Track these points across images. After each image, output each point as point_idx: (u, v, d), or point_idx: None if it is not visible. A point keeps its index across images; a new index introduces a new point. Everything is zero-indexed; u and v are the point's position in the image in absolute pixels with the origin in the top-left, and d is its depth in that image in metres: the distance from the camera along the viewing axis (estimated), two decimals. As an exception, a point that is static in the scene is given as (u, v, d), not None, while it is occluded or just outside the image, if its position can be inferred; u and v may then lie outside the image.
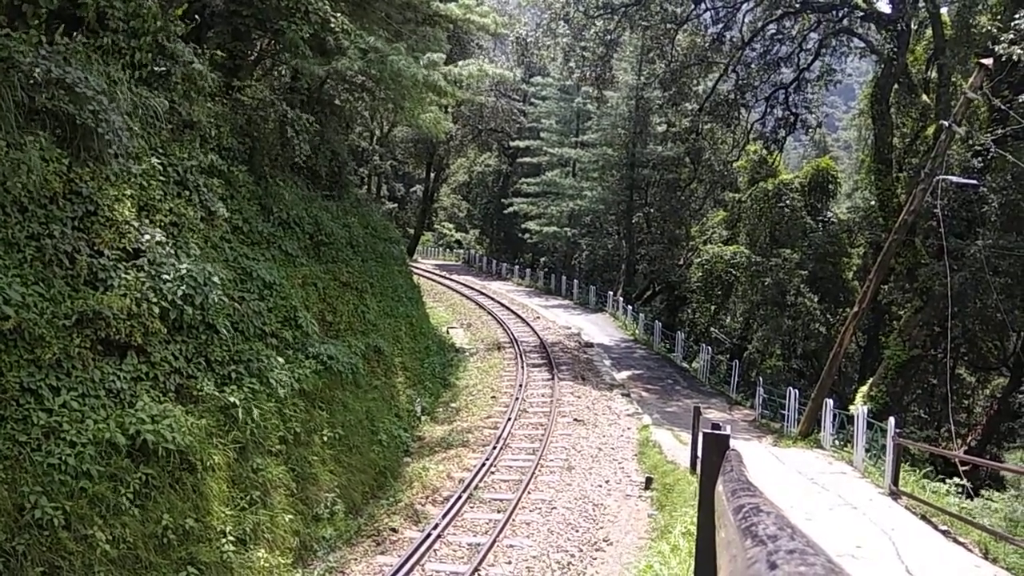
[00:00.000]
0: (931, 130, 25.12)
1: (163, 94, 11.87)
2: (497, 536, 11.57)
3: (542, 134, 51.00)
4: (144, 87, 11.48)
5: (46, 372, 8.20)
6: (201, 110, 12.99)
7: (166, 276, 10.10)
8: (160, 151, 11.55)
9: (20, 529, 7.30)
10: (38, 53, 9.12)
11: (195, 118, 12.71)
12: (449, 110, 41.20)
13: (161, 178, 11.17)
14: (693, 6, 30.17)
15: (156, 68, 11.85)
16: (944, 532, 10.69)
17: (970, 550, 10.06)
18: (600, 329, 34.53)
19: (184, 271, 10.40)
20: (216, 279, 11.08)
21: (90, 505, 8.00)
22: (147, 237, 10.12)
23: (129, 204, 10.12)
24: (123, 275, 9.46)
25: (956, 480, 13.06)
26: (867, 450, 15.00)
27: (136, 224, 10.08)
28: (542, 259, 55.47)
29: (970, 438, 27.58)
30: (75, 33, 10.35)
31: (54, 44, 9.60)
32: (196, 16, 13.47)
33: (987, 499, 13.55)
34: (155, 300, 9.76)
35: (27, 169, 8.42)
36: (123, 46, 11.13)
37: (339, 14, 16.31)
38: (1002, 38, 18.33)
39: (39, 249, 8.60)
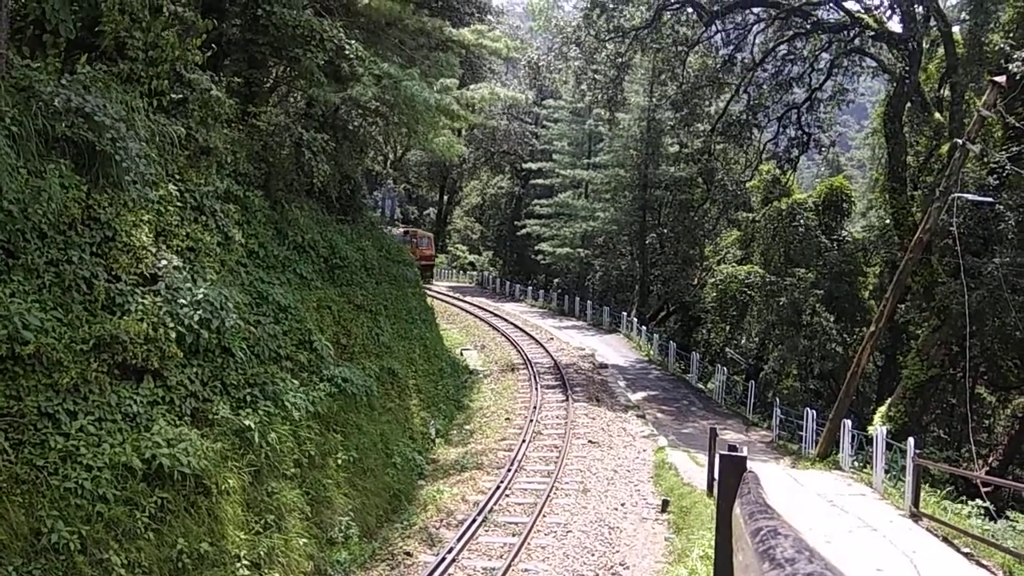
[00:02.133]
0: (945, 148, 25.01)
1: (180, 121, 12.06)
2: (512, 560, 11.48)
3: (554, 156, 51.25)
4: (162, 114, 11.66)
5: (63, 396, 8.27)
6: (218, 136, 13.17)
7: (183, 301, 10.19)
8: (177, 177, 11.71)
9: (37, 554, 7.32)
10: (58, 82, 9.30)
11: (212, 144, 12.88)
12: (462, 133, 41.62)
13: (178, 204, 11.32)
14: (704, 28, 30.32)
15: (173, 95, 12.05)
16: (967, 554, 10.51)
17: (994, 573, 9.89)
18: (614, 350, 34.40)
19: (200, 295, 10.49)
20: (232, 303, 11.17)
21: (106, 529, 8.02)
22: (164, 262, 10.24)
23: (146, 230, 10.25)
24: (140, 300, 9.56)
25: (978, 501, 12.85)
26: (887, 471, 14.80)
27: (153, 249, 10.21)
28: (555, 280, 55.47)
29: (991, 458, 27.09)
30: (95, 62, 10.55)
31: (74, 73, 9.79)
32: (213, 44, 13.69)
33: (1011, 520, 13.30)
34: (172, 324, 9.84)
35: (47, 196, 8.56)
36: (141, 74, 11.33)
37: (353, 41, 16.53)
38: (1015, 56, 18.30)
39: (58, 275, 8.71)
